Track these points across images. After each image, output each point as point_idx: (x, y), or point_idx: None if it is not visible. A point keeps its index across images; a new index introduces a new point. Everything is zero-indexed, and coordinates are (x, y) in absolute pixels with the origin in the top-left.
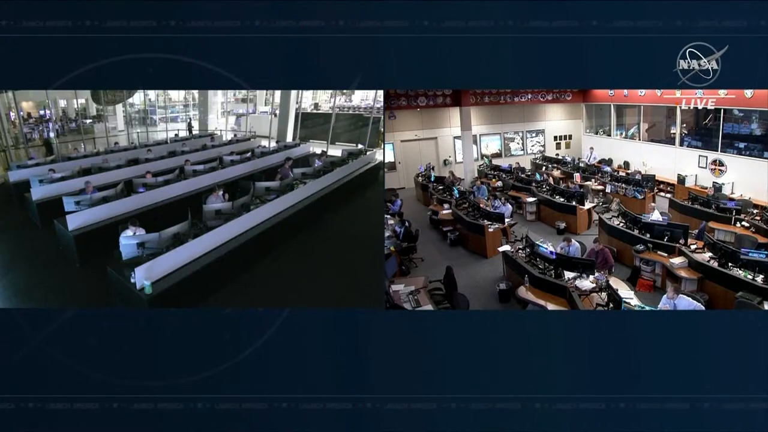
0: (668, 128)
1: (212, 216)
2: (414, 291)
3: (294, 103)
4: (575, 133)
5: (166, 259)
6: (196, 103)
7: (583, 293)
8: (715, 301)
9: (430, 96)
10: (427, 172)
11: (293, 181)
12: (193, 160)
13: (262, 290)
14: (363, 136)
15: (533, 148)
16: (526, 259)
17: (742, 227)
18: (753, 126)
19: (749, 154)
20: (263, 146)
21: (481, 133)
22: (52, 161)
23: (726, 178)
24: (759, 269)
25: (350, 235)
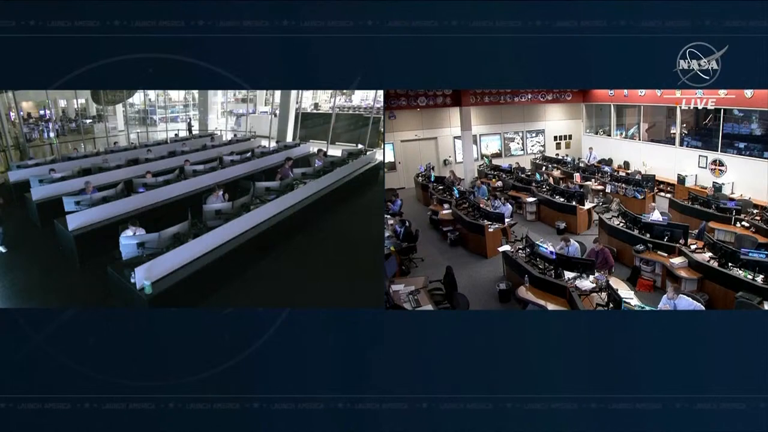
0: (668, 128)
1: (212, 216)
2: (414, 291)
3: (294, 103)
4: (575, 133)
5: (166, 259)
6: (196, 103)
7: (583, 293)
8: (715, 301)
9: (430, 96)
10: (427, 172)
11: (293, 181)
12: (193, 160)
13: (262, 290)
14: (363, 136)
15: (533, 148)
16: (526, 259)
17: (742, 227)
18: (753, 126)
19: (749, 154)
20: (263, 146)
21: (481, 133)
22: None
23: (726, 178)
24: (759, 269)
25: (350, 235)
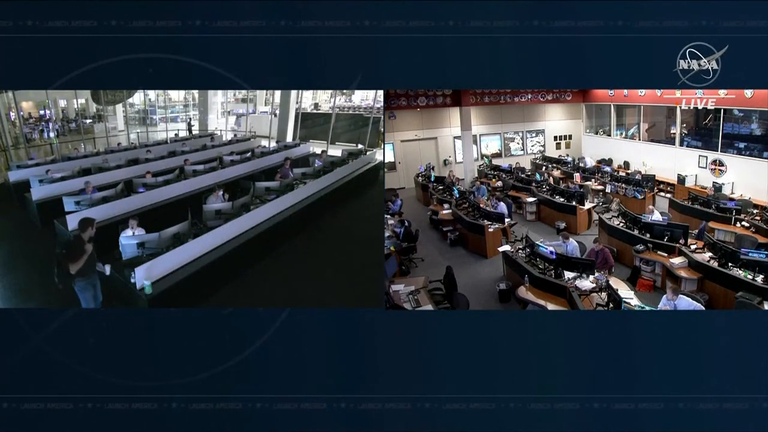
0: (668, 128)
1: (212, 216)
2: (414, 291)
3: (294, 103)
4: (575, 133)
5: (166, 259)
6: (196, 103)
7: (583, 293)
8: (715, 301)
9: (430, 96)
10: (427, 172)
11: (293, 181)
12: (193, 160)
13: (262, 290)
14: (363, 136)
15: (533, 148)
16: (526, 259)
17: (742, 227)
18: (753, 126)
19: (749, 154)
20: (263, 146)
21: (481, 133)
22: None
23: (726, 178)
24: (759, 269)
25: (350, 235)
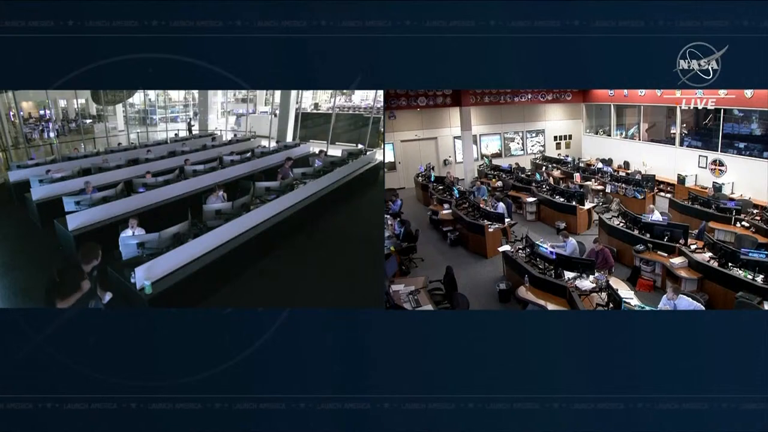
0: (668, 128)
1: (212, 216)
2: (414, 291)
3: (294, 103)
4: (575, 133)
5: (166, 259)
6: (196, 103)
7: (583, 293)
8: (715, 301)
9: (430, 96)
10: (427, 172)
11: (293, 181)
12: (193, 160)
13: (262, 290)
14: (363, 136)
15: (533, 148)
16: (526, 259)
17: (742, 227)
18: (753, 126)
19: (749, 154)
20: (263, 146)
21: (481, 133)
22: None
23: (726, 178)
24: (759, 269)
25: (350, 235)
